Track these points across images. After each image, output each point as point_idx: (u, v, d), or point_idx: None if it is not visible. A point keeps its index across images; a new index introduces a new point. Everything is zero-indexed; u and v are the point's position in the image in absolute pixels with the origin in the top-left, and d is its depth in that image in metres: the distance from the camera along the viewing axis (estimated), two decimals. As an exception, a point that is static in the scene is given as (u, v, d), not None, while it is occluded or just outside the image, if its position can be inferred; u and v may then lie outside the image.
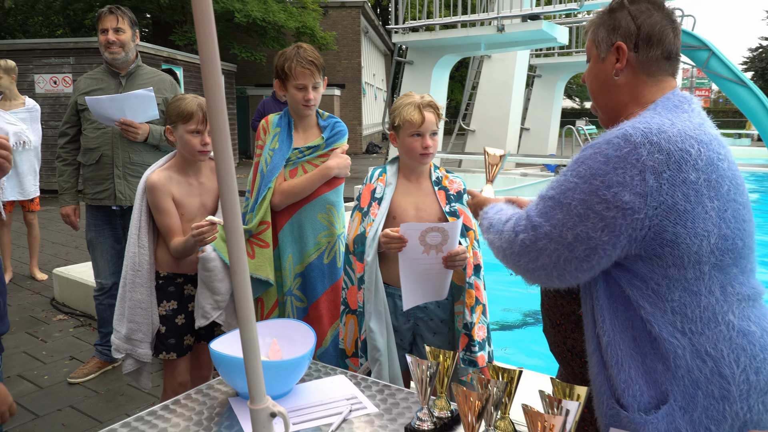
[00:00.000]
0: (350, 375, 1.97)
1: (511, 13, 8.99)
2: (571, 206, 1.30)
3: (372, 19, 24.68)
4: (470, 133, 12.77)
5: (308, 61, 2.58)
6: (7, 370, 3.86)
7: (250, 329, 1.04)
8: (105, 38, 3.42)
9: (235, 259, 0.97)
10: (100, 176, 3.50)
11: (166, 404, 1.80)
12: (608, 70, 1.46)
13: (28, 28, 18.46)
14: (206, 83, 0.89)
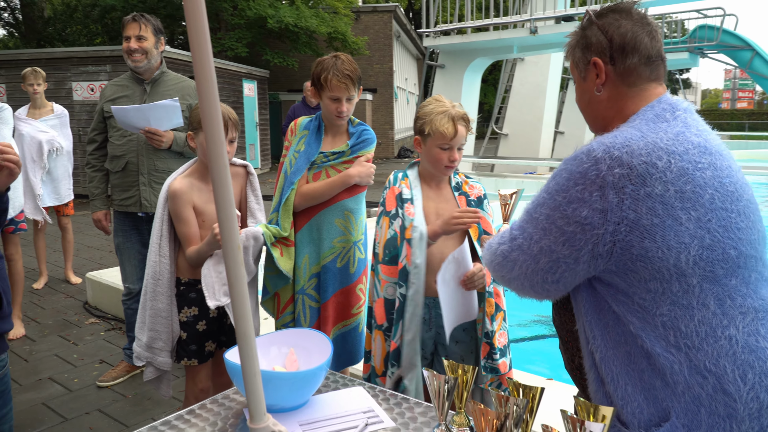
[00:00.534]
0: (368, 387, 1.93)
1: (544, 14, 8.87)
2: (539, 220, 1.34)
3: (404, 23, 24.67)
4: (503, 137, 12.63)
5: (344, 75, 2.56)
6: (38, 372, 3.92)
7: (249, 346, 1.00)
8: (127, 45, 3.45)
9: (232, 275, 0.93)
10: (127, 183, 3.53)
11: (180, 414, 1.78)
12: (590, 87, 1.45)
13: (67, 37, 18.98)
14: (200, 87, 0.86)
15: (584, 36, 1.45)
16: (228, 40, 17.02)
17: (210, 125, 0.89)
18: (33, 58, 12.08)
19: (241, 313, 0.97)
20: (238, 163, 2.69)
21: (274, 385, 1.73)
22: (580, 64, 1.46)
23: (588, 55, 1.43)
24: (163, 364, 2.57)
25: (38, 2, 18.48)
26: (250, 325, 0.99)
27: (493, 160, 10.00)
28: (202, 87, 0.87)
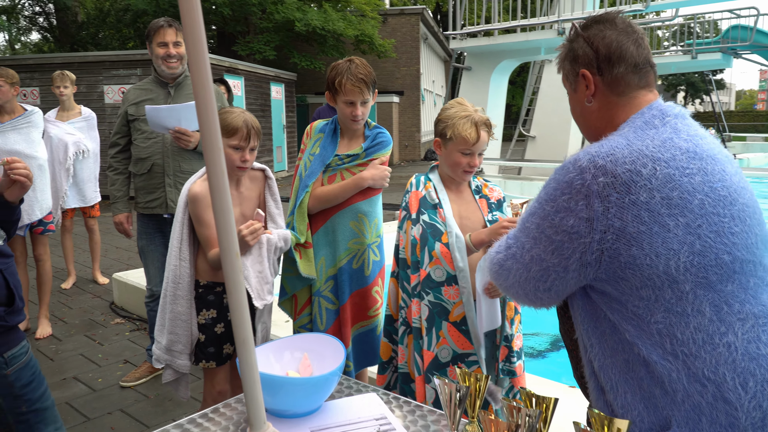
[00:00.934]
0: (382, 393, 1.90)
1: (572, 16, 8.75)
2: (530, 229, 1.36)
3: (431, 25, 24.62)
4: (530, 140, 12.51)
5: (358, 79, 2.57)
6: (63, 372, 3.98)
7: (248, 353, 0.99)
8: (165, 51, 3.46)
9: (231, 282, 0.91)
10: (152, 185, 3.55)
11: (192, 418, 1.77)
12: (581, 98, 1.47)
13: (100, 41, 19.36)
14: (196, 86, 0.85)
15: (571, 49, 1.47)
16: (256, 44, 17.18)
17: (207, 132, 0.88)
18: (66, 61, 12.35)
19: (240, 320, 0.96)
20: (257, 167, 2.68)
21: (286, 391, 1.72)
22: (570, 77, 1.48)
23: (576, 68, 1.45)
24: (182, 366, 2.58)
25: (72, 7, 18.90)
26: (249, 333, 0.97)
27: (520, 163, 9.90)
28: (198, 91, 0.86)
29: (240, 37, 17.88)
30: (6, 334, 1.86)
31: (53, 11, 20.73)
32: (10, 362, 1.86)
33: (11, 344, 1.88)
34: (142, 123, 3.54)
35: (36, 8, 22.17)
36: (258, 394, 0.99)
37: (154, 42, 3.49)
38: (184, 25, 0.80)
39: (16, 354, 1.89)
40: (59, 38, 19.93)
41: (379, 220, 2.76)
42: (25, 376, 1.90)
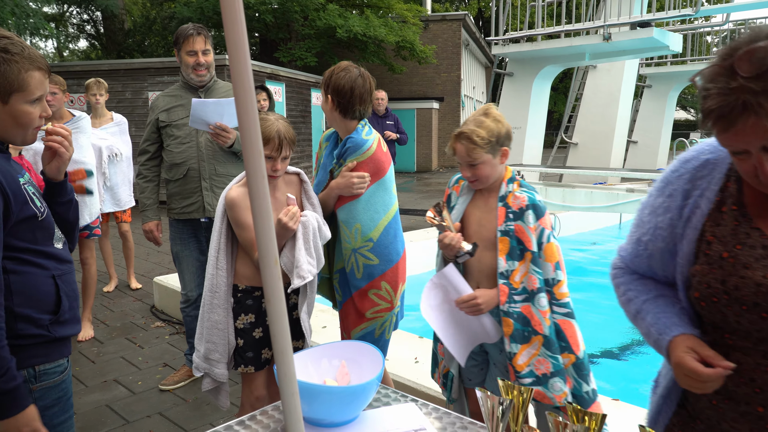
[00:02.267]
0: (421, 404, 1.84)
1: (619, 20, 8.55)
2: None
3: (473, 31, 24.48)
4: (572, 147, 12.27)
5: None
6: (104, 374, 4.03)
7: (287, 364, 0.94)
8: (195, 60, 3.47)
9: (270, 291, 0.87)
10: (188, 190, 3.54)
11: (229, 425, 1.75)
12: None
13: (146, 48, 19.81)
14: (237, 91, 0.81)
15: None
16: (298, 50, 17.34)
17: (248, 137, 0.84)
18: (112, 68, 12.66)
19: (279, 329, 0.91)
20: (291, 170, 2.67)
21: (324, 399, 1.68)
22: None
23: None
24: (220, 375, 2.57)
25: (119, 15, 19.41)
26: (288, 343, 0.93)
27: (561, 170, 9.69)
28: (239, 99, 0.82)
29: (282, 44, 18.07)
30: (45, 346, 1.69)
31: (101, 19, 21.32)
32: (39, 377, 1.69)
33: (48, 358, 1.71)
34: (174, 128, 3.54)
35: (84, 16, 22.86)
36: (296, 406, 0.94)
37: (183, 50, 3.49)
38: (226, 32, 0.77)
39: (49, 370, 1.71)
40: (106, 45, 20.49)
41: (363, 225, 2.64)
42: (49, 396, 1.72)
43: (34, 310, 1.65)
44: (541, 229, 2.18)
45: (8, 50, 1.57)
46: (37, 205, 1.66)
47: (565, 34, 9.37)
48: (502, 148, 2.24)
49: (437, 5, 32.24)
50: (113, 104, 11.49)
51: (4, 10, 10.10)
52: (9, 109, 1.61)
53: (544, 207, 2.22)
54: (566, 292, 2.20)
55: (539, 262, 2.17)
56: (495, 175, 2.26)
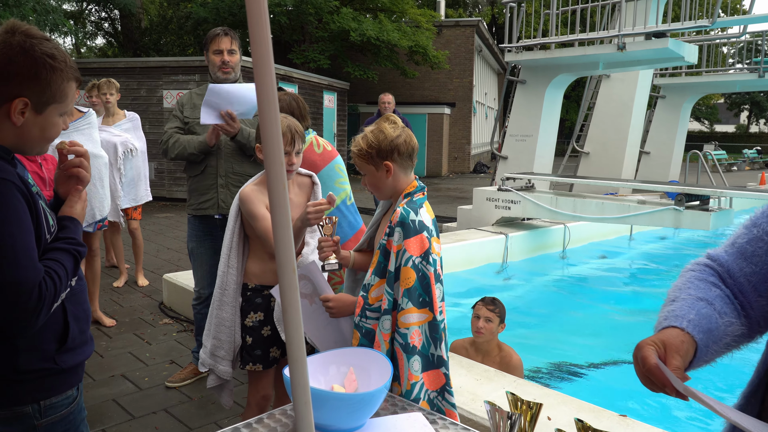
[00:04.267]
0: (427, 413, 1.84)
1: (634, 30, 8.52)
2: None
3: (486, 37, 24.46)
4: (584, 156, 12.22)
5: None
6: (112, 369, 4.05)
7: (301, 374, 0.95)
8: (220, 59, 3.56)
9: (287, 299, 0.88)
10: (205, 186, 3.62)
11: (236, 427, 1.75)
12: None
13: (162, 47, 19.93)
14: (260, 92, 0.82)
15: None
16: (311, 53, 17.39)
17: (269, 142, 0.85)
18: (129, 66, 12.74)
19: (294, 338, 0.92)
20: (304, 173, 2.71)
21: (332, 406, 1.68)
22: None
23: None
24: (224, 372, 2.59)
25: (136, 14, 19.53)
26: (303, 352, 0.93)
27: (572, 180, 9.65)
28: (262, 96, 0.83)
29: (296, 46, 18.14)
30: (51, 378, 1.54)
31: (118, 17, 21.48)
32: (45, 412, 1.53)
33: (54, 391, 1.55)
34: (196, 126, 3.62)
35: (102, 14, 23.03)
36: (309, 415, 0.94)
37: (210, 49, 3.60)
38: (251, 34, 0.78)
39: (56, 403, 1.56)
40: (123, 43, 20.64)
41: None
42: (55, 430, 1.57)
43: (39, 340, 1.50)
44: (402, 250, 2.05)
45: (54, 56, 1.45)
46: (50, 224, 1.55)
47: (579, 42, 9.34)
48: (384, 162, 2.15)
49: (451, 11, 32.26)
50: (128, 101, 11.56)
51: (25, 7, 10.21)
52: (41, 120, 1.48)
53: (416, 228, 2.07)
54: (409, 323, 2.04)
55: (393, 283, 2.08)
56: (387, 188, 2.20)
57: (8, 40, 1.41)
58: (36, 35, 1.44)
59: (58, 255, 1.50)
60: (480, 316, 3.58)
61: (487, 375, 3.31)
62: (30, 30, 1.44)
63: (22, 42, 1.41)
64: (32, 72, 1.42)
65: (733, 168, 27.90)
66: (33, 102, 1.44)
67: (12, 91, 1.41)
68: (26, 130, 1.47)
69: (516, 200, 7.96)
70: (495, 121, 12.55)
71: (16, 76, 1.41)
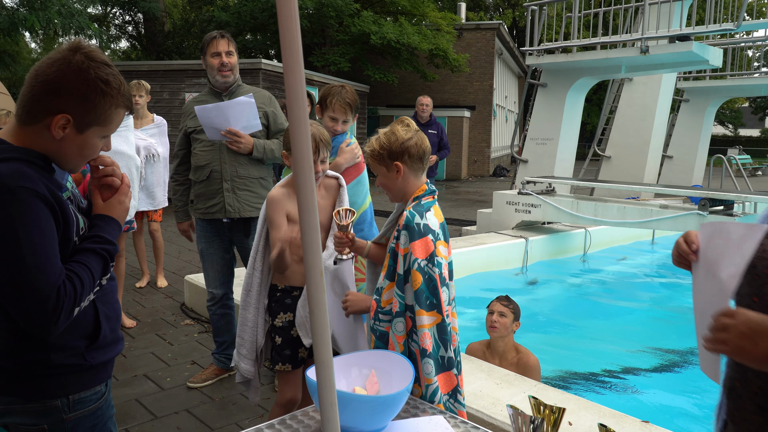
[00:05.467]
0: (449, 416, 1.84)
1: (657, 33, 8.44)
2: None
3: (507, 41, 24.37)
4: (605, 160, 12.12)
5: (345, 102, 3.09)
6: (134, 369, 4.11)
7: (327, 375, 0.96)
8: (219, 61, 3.61)
9: (314, 301, 0.89)
10: (211, 191, 3.69)
11: (259, 427, 1.77)
12: None
13: (184, 50, 20.14)
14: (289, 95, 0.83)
15: None
16: (332, 56, 17.47)
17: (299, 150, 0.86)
18: (152, 69, 12.90)
19: (322, 340, 0.93)
20: (331, 174, 2.74)
21: (354, 408, 1.69)
22: None
23: None
24: (245, 371, 2.63)
25: (159, 17, 19.77)
26: (329, 354, 0.94)
27: (593, 184, 9.57)
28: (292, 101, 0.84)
29: (316, 49, 18.23)
30: (80, 374, 1.58)
31: (142, 21, 21.75)
32: (73, 406, 1.57)
33: (83, 386, 1.59)
34: (199, 133, 3.69)
35: (126, 17, 23.34)
36: (335, 416, 0.96)
37: (207, 53, 3.65)
38: (282, 40, 0.79)
39: (84, 398, 1.60)
40: (146, 47, 20.89)
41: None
42: (83, 425, 1.61)
43: (69, 337, 1.54)
44: (409, 253, 2.08)
45: (109, 83, 1.48)
46: (79, 227, 1.56)
47: (601, 45, 9.26)
48: (395, 162, 2.18)
49: (471, 14, 32.18)
50: (151, 104, 11.67)
51: (51, 10, 10.39)
52: (81, 139, 1.51)
53: (421, 231, 2.09)
54: (420, 324, 2.06)
55: (403, 286, 2.10)
56: (398, 189, 2.23)
57: (69, 57, 1.45)
58: (97, 58, 1.48)
59: (83, 257, 1.53)
60: (494, 311, 3.58)
61: (507, 379, 3.30)
62: (93, 52, 1.47)
63: (81, 62, 1.45)
64: (82, 93, 1.45)
65: (758, 173, 27.46)
66: (76, 120, 1.47)
67: (58, 105, 1.45)
68: (64, 145, 1.50)
69: (536, 204, 7.92)
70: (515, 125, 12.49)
71: (65, 93, 1.44)
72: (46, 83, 1.44)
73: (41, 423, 1.53)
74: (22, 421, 1.52)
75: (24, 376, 1.51)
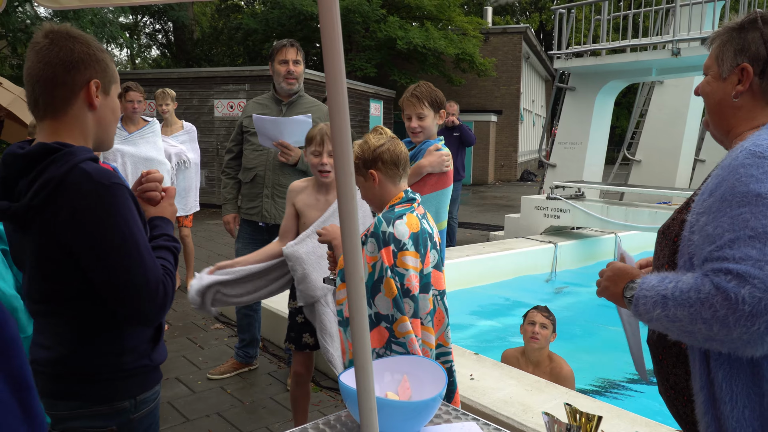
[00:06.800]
0: (482, 423, 1.83)
1: (689, 36, 8.31)
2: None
3: (534, 44, 24.23)
4: (635, 164, 11.96)
5: (412, 94, 2.96)
6: (166, 371, 4.16)
7: (367, 380, 0.96)
8: (286, 69, 3.69)
9: (354, 307, 0.89)
10: (253, 194, 3.80)
11: (304, 427, 1.79)
12: (728, 90, 1.43)
13: (212, 57, 20.44)
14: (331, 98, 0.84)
15: (743, 37, 1.40)
16: (358, 61, 17.56)
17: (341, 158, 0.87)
18: (181, 76, 13.11)
19: (361, 345, 0.94)
20: None
21: (386, 413, 1.69)
22: (726, 64, 1.43)
23: (739, 59, 1.40)
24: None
25: (189, 26, 20.11)
26: (369, 359, 0.95)
27: (623, 188, 9.45)
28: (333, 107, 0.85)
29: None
30: (147, 374, 1.62)
31: (172, 29, 22.15)
32: (138, 406, 1.61)
33: (147, 386, 1.63)
34: (252, 135, 3.76)
35: (156, 26, 23.78)
36: (374, 420, 0.96)
37: (276, 60, 3.72)
38: (324, 47, 0.80)
39: (147, 398, 1.63)
40: (176, 54, 21.26)
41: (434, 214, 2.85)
42: (143, 424, 1.64)
43: (140, 339, 1.59)
44: (380, 260, 2.05)
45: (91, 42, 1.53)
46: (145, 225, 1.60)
47: (630, 48, 9.16)
48: (369, 171, 2.18)
49: (498, 18, 32.09)
50: (180, 111, 11.87)
51: (83, 20, 10.63)
52: (110, 101, 1.56)
53: (386, 239, 2.07)
54: (405, 331, 2.05)
55: (374, 296, 2.06)
56: (376, 198, 2.23)
57: (55, 39, 1.47)
58: (68, 29, 1.51)
59: (163, 253, 1.60)
60: (535, 322, 3.54)
61: (537, 386, 3.27)
62: (61, 26, 1.52)
63: (77, 34, 1.51)
64: (97, 57, 1.51)
65: (794, 176, 26.77)
66: (103, 83, 1.53)
67: (84, 76, 1.49)
68: (102, 114, 1.55)
69: (565, 209, 7.84)
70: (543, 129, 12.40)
71: (82, 62, 1.48)
72: (58, 65, 1.45)
73: (110, 425, 1.56)
74: (91, 424, 1.54)
75: (95, 380, 1.53)
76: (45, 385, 1.52)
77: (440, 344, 2.28)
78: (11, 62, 13.56)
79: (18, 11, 10.82)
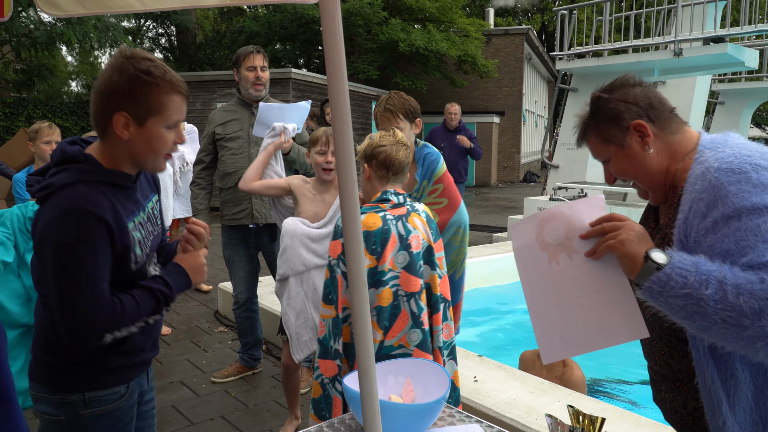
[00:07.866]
0: (486, 426, 1.84)
1: (690, 36, 8.31)
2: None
3: (536, 45, 24.21)
4: (638, 164, 11.95)
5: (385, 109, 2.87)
6: (170, 375, 4.17)
7: (370, 384, 0.97)
8: (255, 75, 3.73)
9: (357, 311, 0.90)
10: (238, 197, 3.79)
11: (308, 430, 1.79)
12: (638, 150, 1.50)
13: (215, 61, 20.48)
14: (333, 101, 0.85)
15: (607, 112, 1.51)
16: (360, 64, 17.57)
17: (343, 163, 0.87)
18: (184, 80, 13.13)
19: (364, 350, 0.94)
20: None
21: (390, 416, 1.69)
22: (616, 137, 1.51)
23: (623, 124, 1.49)
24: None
25: (192, 29, 20.16)
26: (372, 363, 0.95)
27: (626, 189, 9.44)
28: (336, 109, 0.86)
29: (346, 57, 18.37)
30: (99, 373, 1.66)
31: (175, 33, 22.21)
32: (89, 403, 1.64)
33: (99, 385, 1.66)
34: (228, 141, 3.80)
35: (159, 30, 23.85)
36: (378, 424, 0.97)
37: (243, 66, 3.75)
38: (325, 52, 0.81)
39: (101, 397, 1.66)
40: (179, 58, 21.30)
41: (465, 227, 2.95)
42: (100, 425, 1.66)
43: None
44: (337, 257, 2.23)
45: (150, 72, 1.55)
46: (136, 254, 1.63)
47: (633, 49, 9.16)
48: (364, 164, 2.34)
49: (500, 19, 32.09)
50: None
51: (87, 24, 10.66)
52: (145, 132, 1.58)
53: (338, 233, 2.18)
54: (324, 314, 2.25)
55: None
56: (365, 191, 2.37)
57: (111, 63, 1.58)
58: (136, 55, 1.58)
59: (136, 291, 1.62)
60: None
61: (541, 387, 3.27)
62: (133, 52, 1.59)
63: (121, 63, 1.56)
64: (127, 88, 1.55)
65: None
66: (132, 115, 1.56)
67: (113, 107, 1.55)
68: (133, 143, 1.59)
69: (568, 210, 7.82)
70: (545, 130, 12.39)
71: (114, 93, 1.55)
72: (98, 92, 1.57)
73: (60, 414, 1.64)
74: (47, 410, 1.64)
75: (53, 369, 1.64)
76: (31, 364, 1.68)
77: (402, 345, 2.26)
78: (15, 67, 13.61)
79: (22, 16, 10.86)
